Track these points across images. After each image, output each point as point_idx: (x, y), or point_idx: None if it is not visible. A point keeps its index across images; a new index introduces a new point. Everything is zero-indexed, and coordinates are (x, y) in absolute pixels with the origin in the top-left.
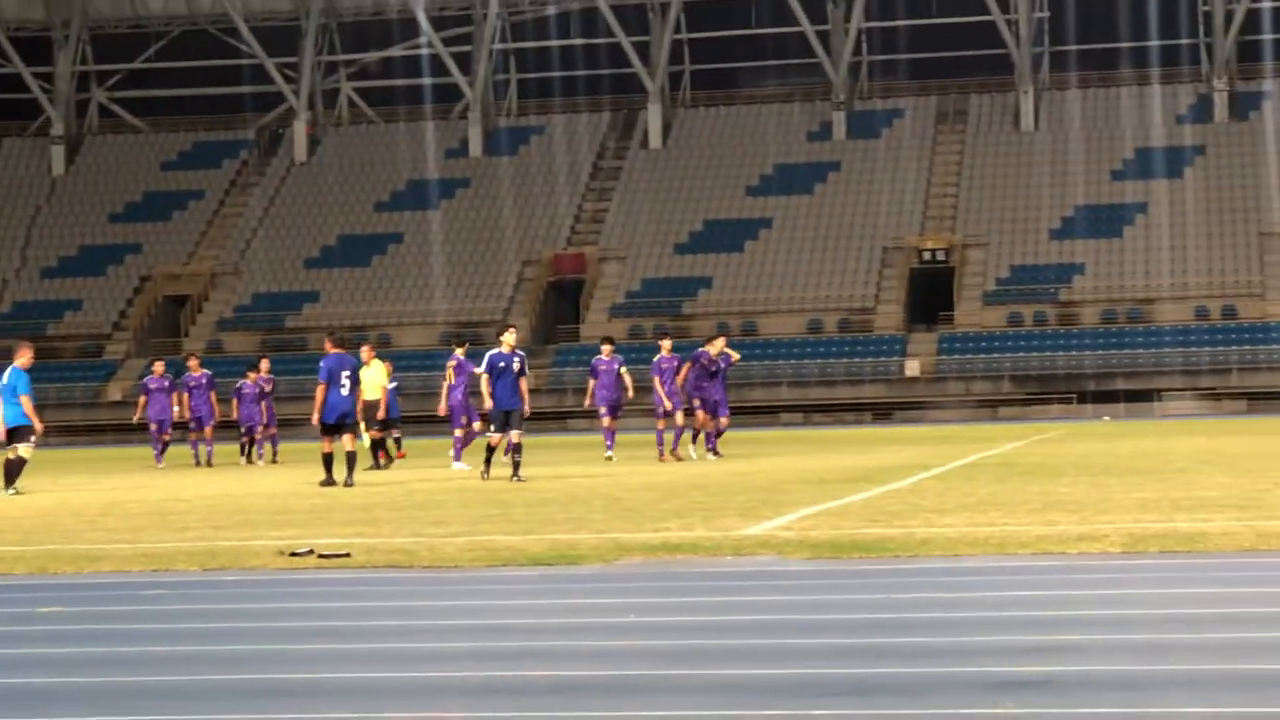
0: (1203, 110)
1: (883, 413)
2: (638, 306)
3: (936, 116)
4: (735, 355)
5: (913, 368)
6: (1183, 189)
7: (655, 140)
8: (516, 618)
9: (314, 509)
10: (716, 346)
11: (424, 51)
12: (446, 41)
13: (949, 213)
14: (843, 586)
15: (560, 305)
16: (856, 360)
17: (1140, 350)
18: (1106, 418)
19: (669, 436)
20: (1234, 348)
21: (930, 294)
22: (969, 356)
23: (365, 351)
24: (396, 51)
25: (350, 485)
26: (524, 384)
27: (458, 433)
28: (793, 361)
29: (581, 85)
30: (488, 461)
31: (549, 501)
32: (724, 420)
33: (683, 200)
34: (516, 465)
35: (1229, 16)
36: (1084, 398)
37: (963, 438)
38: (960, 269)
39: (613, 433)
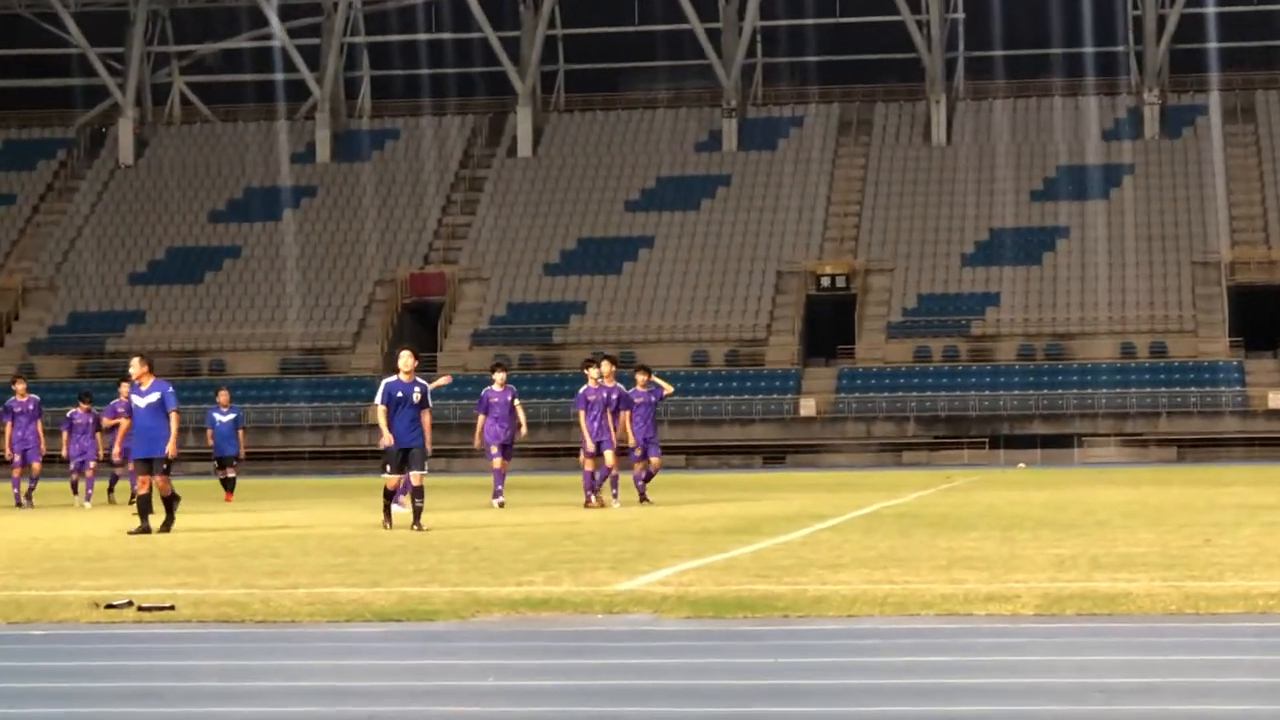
0: (1133, 125)
1: (774, 456)
2: (502, 333)
3: (839, 127)
4: (668, 388)
5: (808, 406)
6: (1109, 212)
7: (525, 148)
8: (361, 679)
9: (134, 555)
10: (641, 380)
11: (267, 44)
12: (293, 33)
13: (851, 234)
14: (725, 649)
15: (417, 330)
16: (745, 397)
17: (1060, 390)
18: (1022, 465)
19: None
20: (1163, 389)
21: (829, 325)
22: (870, 395)
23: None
24: (236, 43)
25: (167, 530)
26: (426, 417)
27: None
28: (674, 398)
29: (443, 85)
30: (386, 509)
31: (399, 550)
32: (655, 461)
33: (554, 215)
34: (418, 512)
35: (1161, 22)
36: (997, 442)
37: (862, 485)
38: (862, 297)
39: (503, 475)
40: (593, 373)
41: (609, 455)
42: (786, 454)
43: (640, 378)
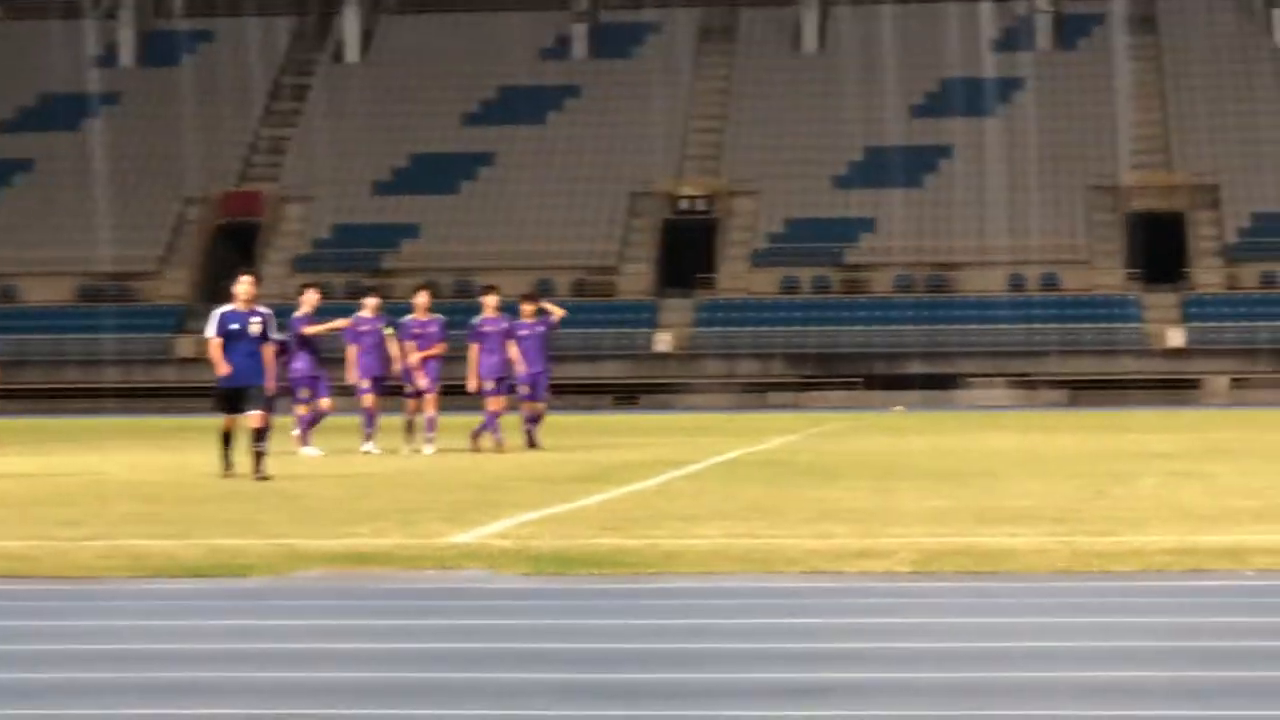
0: (1026, 34)
1: (625, 396)
2: (326, 259)
3: (699, 33)
4: (558, 312)
5: (664, 342)
6: (999, 130)
7: (352, 53)
8: (166, 641)
9: None
10: (528, 310)
11: None
12: None
13: (712, 153)
14: (568, 609)
15: (230, 255)
16: (595, 331)
17: (942, 326)
18: (899, 408)
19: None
20: (1054, 325)
21: (687, 252)
22: (733, 330)
23: None
24: None
25: None
26: (269, 351)
27: (300, 410)
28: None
29: None
30: (224, 456)
31: (210, 498)
32: (541, 404)
33: (385, 128)
34: (259, 457)
35: None
36: (872, 383)
37: (723, 429)
38: (725, 222)
39: (373, 415)
40: (489, 300)
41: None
42: (639, 394)
43: (526, 307)
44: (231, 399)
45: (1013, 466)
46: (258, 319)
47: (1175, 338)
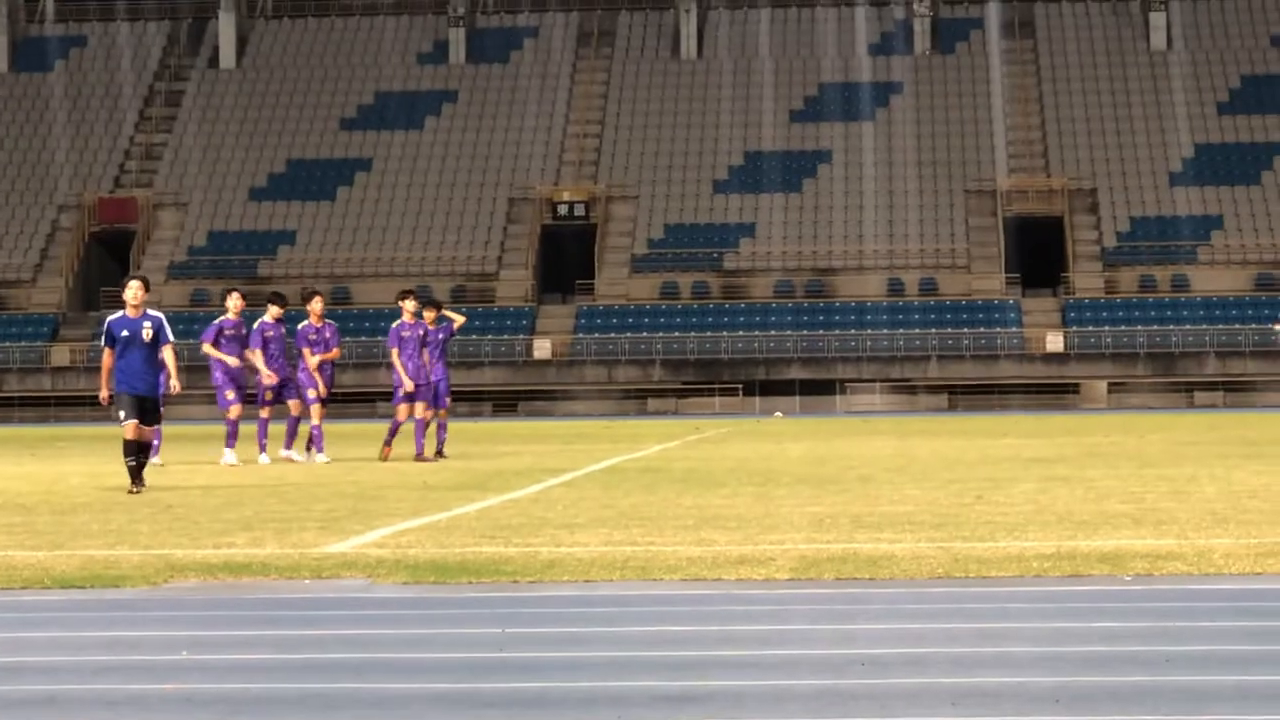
0: (901, 39)
1: (505, 404)
2: (202, 265)
3: (578, 37)
4: (459, 319)
5: (543, 348)
6: (877, 135)
7: (228, 58)
8: (38, 653)
9: None
10: (429, 316)
11: None
12: None
13: (591, 158)
14: (447, 618)
15: (105, 262)
16: (473, 338)
17: (821, 332)
18: (778, 414)
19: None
20: (933, 330)
21: (566, 258)
22: (612, 336)
23: None
24: None
25: None
26: (168, 354)
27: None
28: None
29: None
30: (133, 471)
31: (82, 508)
32: (443, 411)
33: (261, 134)
34: (136, 469)
35: None
36: (751, 389)
37: (602, 436)
38: (603, 227)
39: (264, 423)
40: (408, 305)
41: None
42: (518, 401)
43: (428, 314)
44: (136, 407)
45: (891, 472)
46: (149, 324)
47: (1054, 342)
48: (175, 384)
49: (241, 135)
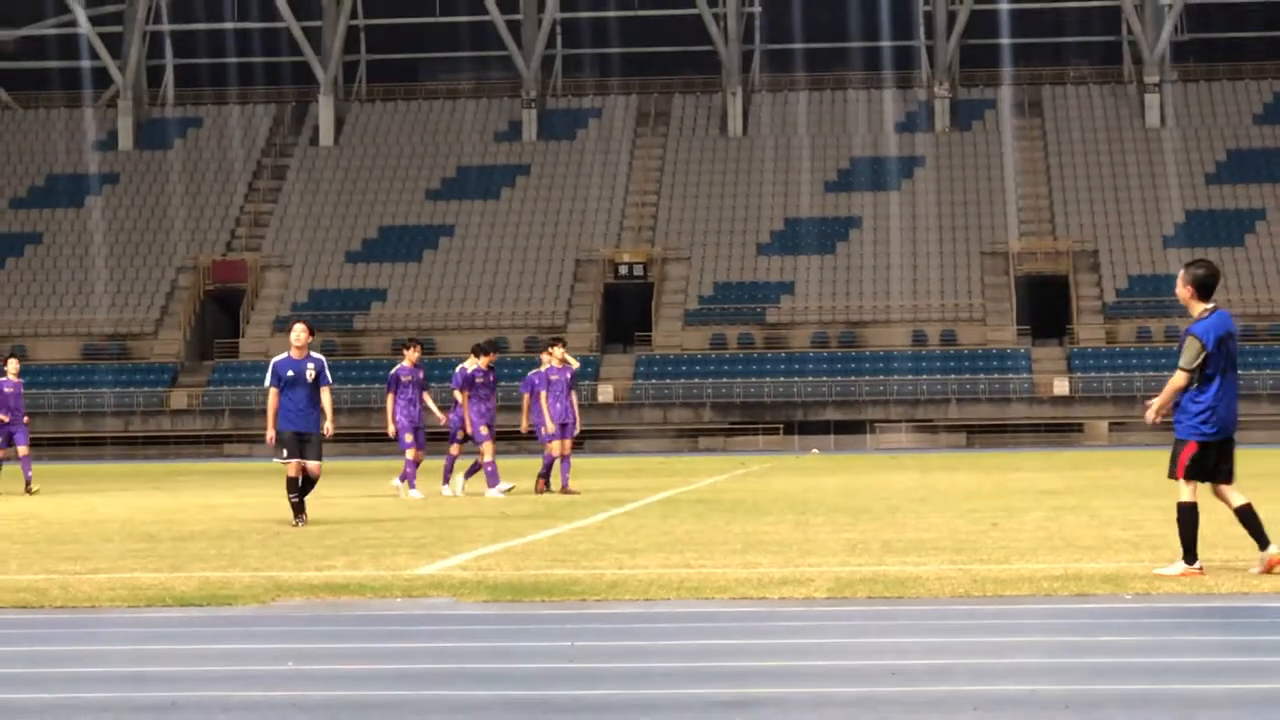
0: (924, 118)
1: (573, 441)
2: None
3: (637, 118)
4: (574, 363)
5: (606, 393)
6: (902, 203)
7: (327, 137)
8: (161, 664)
9: None
10: (557, 355)
11: (71, 30)
12: (96, 20)
13: (648, 223)
14: (523, 633)
15: (219, 317)
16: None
17: (853, 378)
18: (815, 450)
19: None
20: (953, 376)
21: (627, 312)
22: (667, 381)
23: None
24: (39, 29)
25: None
26: (325, 396)
27: (452, 450)
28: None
29: (247, 74)
30: (295, 506)
31: (199, 535)
32: (568, 444)
33: (356, 203)
34: (300, 502)
35: (952, 18)
36: (791, 428)
37: (659, 470)
38: (659, 285)
39: (416, 464)
40: (557, 352)
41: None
42: (584, 439)
43: (557, 351)
44: (298, 444)
45: (916, 502)
46: (312, 365)
47: (1061, 386)
48: (329, 426)
49: (339, 205)
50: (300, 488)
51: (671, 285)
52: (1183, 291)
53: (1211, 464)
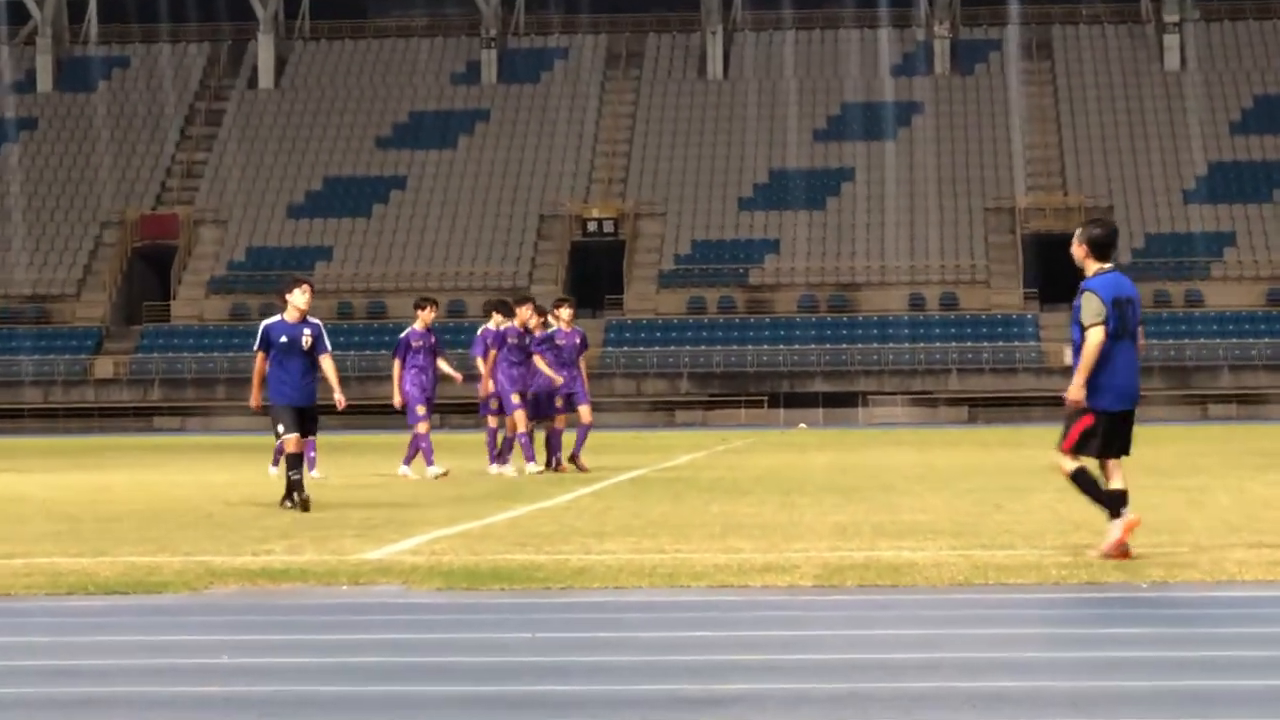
0: (922, 60)
1: (534, 415)
2: (241, 280)
3: (607, 59)
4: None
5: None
6: (899, 153)
7: (266, 79)
8: (83, 657)
9: None
10: (564, 317)
11: None
12: None
13: (619, 176)
14: (480, 623)
15: (148, 278)
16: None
17: (844, 345)
18: (802, 425)
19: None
20: (953, 344)
21: (596, 273)
22: (640, 349)
23: None
24: None
25: None
26: (328, 363)
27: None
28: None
29: (179, 9)
30: (293, 485)
31: (126, 517)
32: (585, 411)
33: (299, 153)
34: (296, 483)
35: None
36: (776, 401)
37: (631, 447)
38: (632, 243)
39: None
40: (564, 314)
41: (585, 409)
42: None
43: (563, 312)
44: (297, 419)
45: (912, 482)
46: (309, 330)
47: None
48: (340, 397)
49: (280, 154)
50: (298, 465)
51: (645, 243)
52: (1077, 251)
53: (1105, 439)
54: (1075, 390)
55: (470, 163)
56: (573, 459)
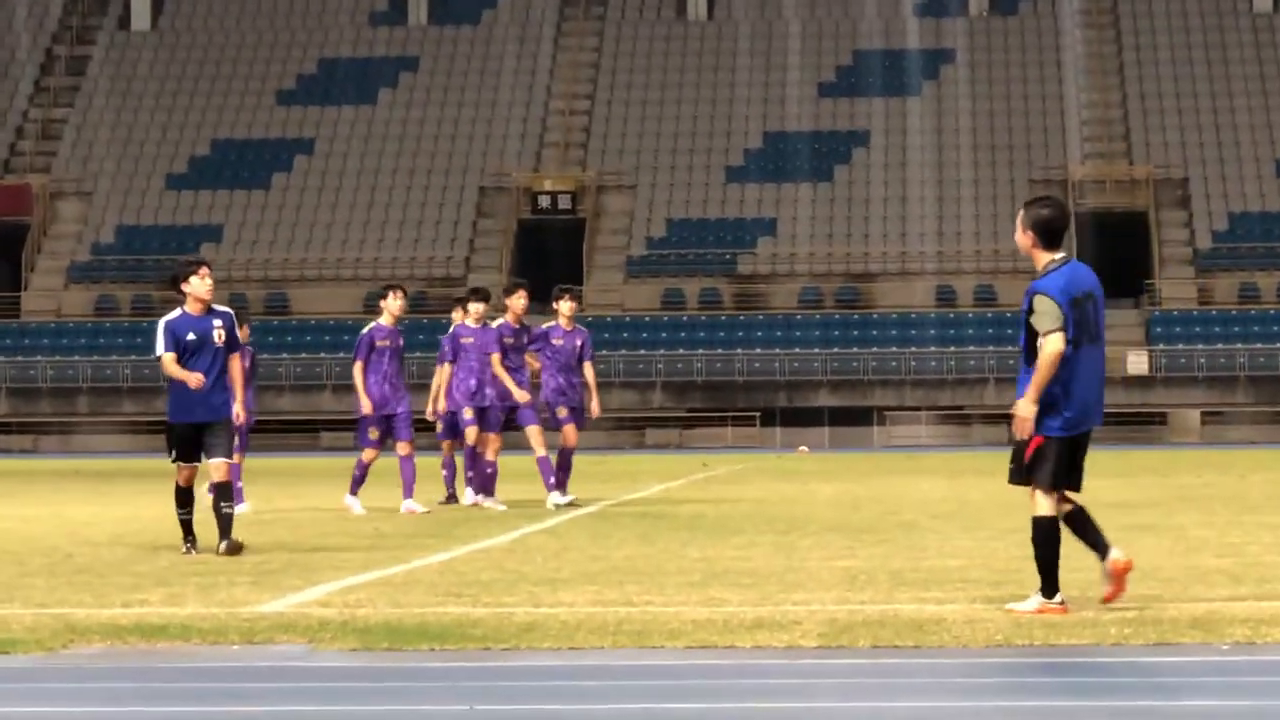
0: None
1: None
2: (109, 267)
3: None
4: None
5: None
6: (923, 113)
7: (141, 19)
8: None
9: None
10: (566, 311)
11: None
12: None
13: (578, 139)
14: (402, 692)
15: None
16: (434, 354)
17: (856, 350)
18: (803, 448)
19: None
20: (990, 348)
21: (549, 259)
22: (604, 353)
23: None
24: None
25: None
26: (236, 366)
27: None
28: (341, 355)
29: None
30: (185, 523)
31: None
32: (571, 432)
33: (181, 110)
34: (225, 521)
35: None
36: (771, 418)
37: (591, 473)
38: (594, 223)
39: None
40: (564, 308)
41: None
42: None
43: (565, 305)
44: (194, 439)
45: (940, 519)
46: (219, 322)
47: (1137, 363)
48: (240, 410)
49: (158, 111)
50: (217, 494)
51: (610, 223)
52: (1022, 239)
53: (1067, 464)
54: (1024, 407)
55: (394, 123)
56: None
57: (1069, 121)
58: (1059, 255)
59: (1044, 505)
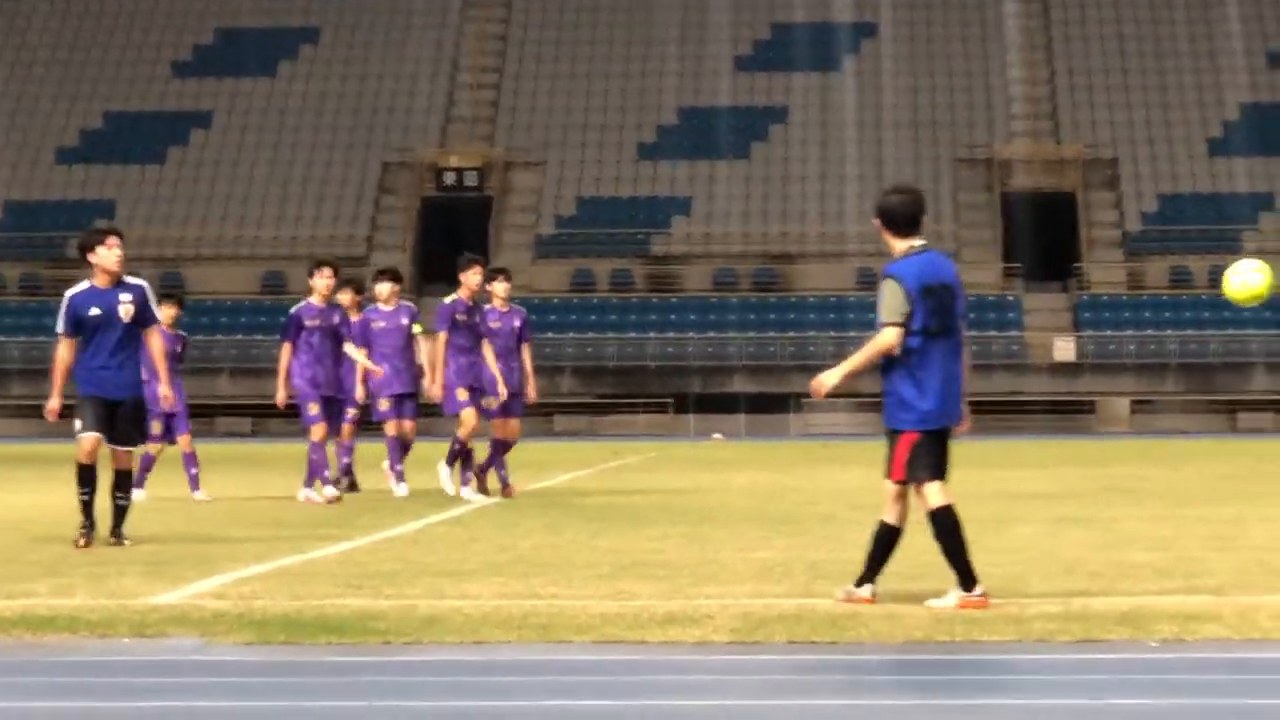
0: None
1: (370, 419)
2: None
3: None
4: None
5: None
6: (846, 88)
7: None
8: None
9: None
10: (501, 292)
11: None
12: None
13: (485, 113)
14: (300, 688)
15: None
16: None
17: (772, 334)
18: (718, 436)
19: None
20: None
21: (454, 237)
22: None
23: None
24: None
25: None
26: (155, 341)
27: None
28: (239, 337)
29: None
30: (84, 505)
31: None
32: (514, 425)
33: (72, 80)
34: (120, 511)
35: None
36: (684, 404)
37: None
38: (501, 201)
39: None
40: (499, 289)
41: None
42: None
43: (500, 286)
44: (104, 414)
45: (859, 510)
46: (129, 296)
47: (1064, 350)
48: (167, 392)
49: (47, 82)
50: (114, 482)
51: (518, 201)
52: (875, 225)
53: (941, 455)
54: (827, 377)
55: (293, 95)
56: (482, 474)
57: (996, 99)
58: (918, 243)
59: (935, 498)
